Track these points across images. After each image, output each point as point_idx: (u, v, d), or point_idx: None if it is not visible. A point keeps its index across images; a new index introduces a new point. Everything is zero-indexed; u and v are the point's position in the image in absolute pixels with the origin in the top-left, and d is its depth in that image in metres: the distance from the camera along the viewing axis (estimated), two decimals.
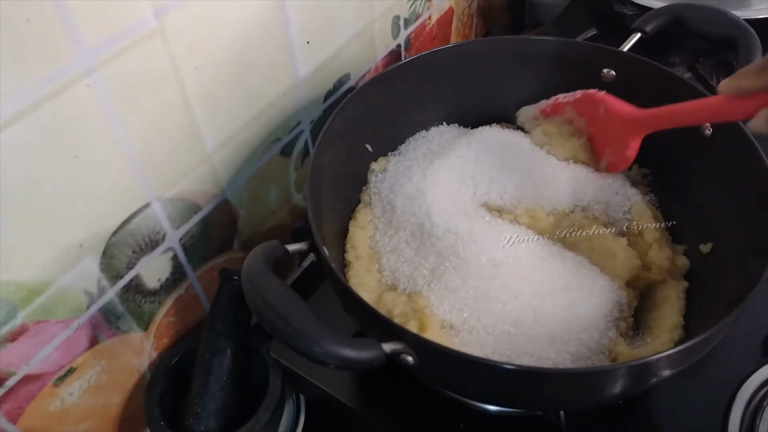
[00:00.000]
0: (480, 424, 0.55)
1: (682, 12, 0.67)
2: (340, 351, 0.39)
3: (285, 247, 0.47)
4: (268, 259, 0.44)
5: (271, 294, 0.41)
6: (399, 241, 0.58)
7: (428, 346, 0.42)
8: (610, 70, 0.64)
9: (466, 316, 0.52)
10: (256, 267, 0.43)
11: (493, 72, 0.67)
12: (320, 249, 0.48)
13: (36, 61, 0.38)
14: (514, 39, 0.72)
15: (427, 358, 0.42)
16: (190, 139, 0.53)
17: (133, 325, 0.55)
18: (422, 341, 0.42)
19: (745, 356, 0.57)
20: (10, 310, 0.44)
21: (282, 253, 0.46)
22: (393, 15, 0.73)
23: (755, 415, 0.53)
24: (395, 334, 0.42)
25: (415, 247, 0.57)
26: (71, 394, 0.52)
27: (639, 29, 0.67)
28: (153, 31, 0.45)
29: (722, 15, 0.65)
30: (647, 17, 0.68)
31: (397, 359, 0.42)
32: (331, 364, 0.39)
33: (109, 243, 0.49)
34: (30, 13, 0.37)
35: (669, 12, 0.68)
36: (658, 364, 0.42)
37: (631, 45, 0.66)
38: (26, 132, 0.39)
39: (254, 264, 0.43)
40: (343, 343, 0.39)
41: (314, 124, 0.67)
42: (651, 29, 0.67)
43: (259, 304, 0.41)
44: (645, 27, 0.67)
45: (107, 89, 0.43)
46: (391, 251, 0.58)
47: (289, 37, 0.58)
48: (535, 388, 0.44)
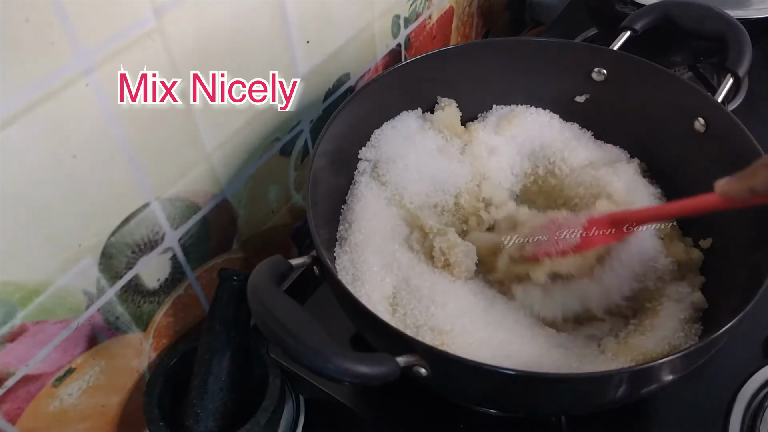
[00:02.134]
0: (480, 426, 0.55)
1: (670, 9, 0.67)
2: (355, 368, 0.38)
3: (289, 262, 0.46)
4: (273, 276, 0.43)
5: (280, 312, 0.40)
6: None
7: (442, 357, 0.42)
8: (601, 69, 0.64)
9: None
10: (263, 286, 0.42)
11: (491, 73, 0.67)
12: (324, 263, 0.47)
13: (35, 61, 0.38)
14: (514, 40, 0.71)
15: (440, 368, 0.42)
16: (189, 139, 0.52)
17: (132, 326, 0.55)
18: (435, 352, 0.42)
19: (746, 357, 0.57)
20: (9, 310, 0.44)
21: (286, 268, 0.46)
22: (393, 14, 0.73)
23: (756, 416, 0.53)
24: (408, 347, 0.42)
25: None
26: (70, 395, 0.52)
27: (628, 27, 0.67)
28: (152, 31, 0.45)
29: (711, 11, 0.65)
30: (636, 15, 0.68)
31: (410, 372, 0.41)
32: (346, 381, 0.38)
33: (108, 243, 0.49)
34: (29, 12, 0.37)
35: (658, 9, 0.68)
36: (661, 368, 0.42)
37: (621, 43, 0.66)
38: (25, 132, 0.39)
39: (261, 282, 0.42)
40: (357, 359, 0.38)
41: (314, 124, 0.67)
42: (640, 27, 0.67)
43: (269, 324, 0.40)
44: (634, 25, 0.67)
45: (106, 89, 0.43)
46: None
47: (289, 37, 0.58)
48: (551, 394, 0.44)
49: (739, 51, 0.61)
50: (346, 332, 0.57)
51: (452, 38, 0.90)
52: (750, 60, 0.61)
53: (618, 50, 0.65)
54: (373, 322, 0.44)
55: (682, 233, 0.59)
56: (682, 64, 0.81)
